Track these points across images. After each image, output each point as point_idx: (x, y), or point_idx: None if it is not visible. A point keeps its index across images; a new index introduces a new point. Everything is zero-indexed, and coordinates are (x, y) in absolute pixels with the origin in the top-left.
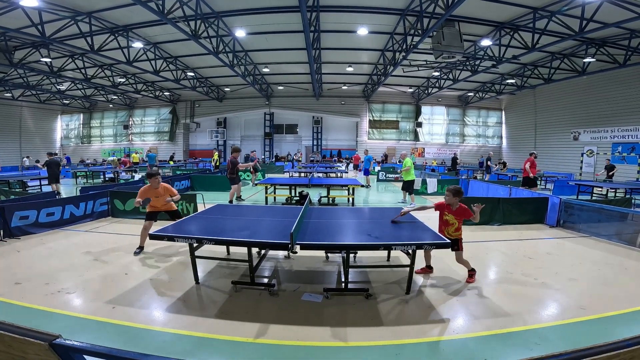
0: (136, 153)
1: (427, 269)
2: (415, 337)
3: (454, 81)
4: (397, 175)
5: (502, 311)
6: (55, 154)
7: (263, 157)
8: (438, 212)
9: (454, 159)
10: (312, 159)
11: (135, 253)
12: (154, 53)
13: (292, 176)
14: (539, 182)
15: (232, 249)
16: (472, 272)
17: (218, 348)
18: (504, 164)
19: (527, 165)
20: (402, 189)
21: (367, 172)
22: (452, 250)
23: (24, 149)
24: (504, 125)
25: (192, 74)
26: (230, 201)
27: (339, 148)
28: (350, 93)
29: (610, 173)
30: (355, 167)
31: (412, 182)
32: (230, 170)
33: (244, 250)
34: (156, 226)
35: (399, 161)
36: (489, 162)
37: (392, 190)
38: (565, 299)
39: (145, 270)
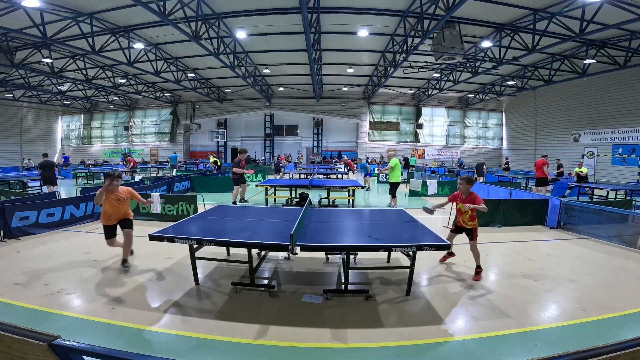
0: (130, 155)
1: (448, 255)
2: (415, 338)
3: (455, 83)
4: (381, 168)
5: (502, 313)
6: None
7: (263, 158)
8: (453, 203)
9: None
10: (312, 160)
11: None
12: (154, 54)
13: (292, 177)
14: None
15: (232, 250)
16: (479, 270)
17: (218, 349)
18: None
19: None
20: (390, 192)
21: (368, 175)
22: (469, 239)
23: (25, 149)
24: (504, 127)
25: (193, 75)
26: (234, 202)
27: (340, 149)
28: (351, 94)
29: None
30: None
31: (397, 184)
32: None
33: (244, 251)
34: (157, 227)
35: (385, 161)
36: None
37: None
38: (566, 300)
39: (145, 271)
